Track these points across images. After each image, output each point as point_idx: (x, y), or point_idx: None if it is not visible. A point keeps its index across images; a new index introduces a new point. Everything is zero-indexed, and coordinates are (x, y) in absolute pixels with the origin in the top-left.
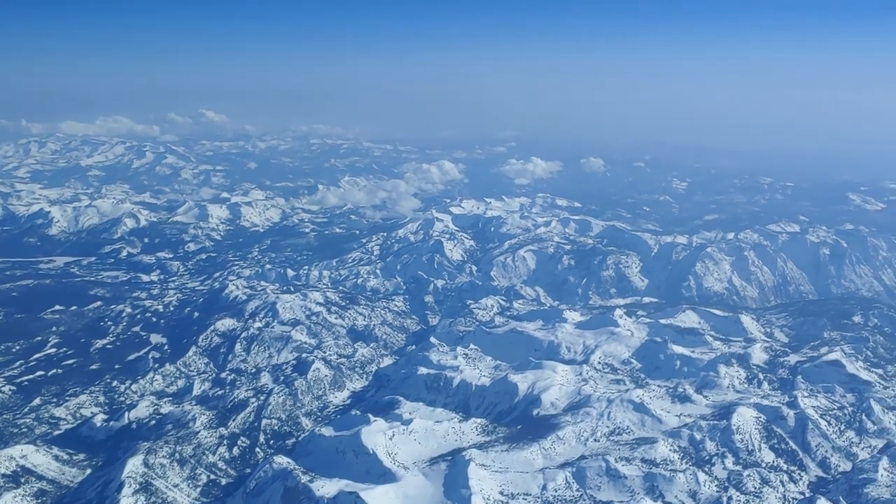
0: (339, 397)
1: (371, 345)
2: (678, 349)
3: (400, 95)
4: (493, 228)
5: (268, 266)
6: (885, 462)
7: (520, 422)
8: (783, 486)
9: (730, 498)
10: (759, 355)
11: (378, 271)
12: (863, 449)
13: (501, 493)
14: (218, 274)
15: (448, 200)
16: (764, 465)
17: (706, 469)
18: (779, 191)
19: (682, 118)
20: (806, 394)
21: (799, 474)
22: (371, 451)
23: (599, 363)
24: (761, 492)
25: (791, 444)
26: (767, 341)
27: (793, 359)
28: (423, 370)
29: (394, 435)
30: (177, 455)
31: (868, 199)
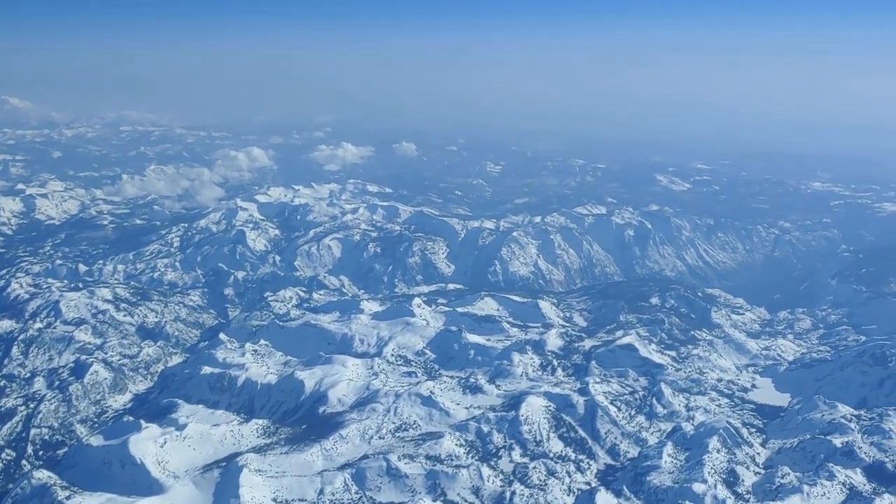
0: (119, 401)
1: (159, 343)
2: (473, 338)
3: (217, 80)
4: (299, 217)
5: (59, 262)
6: (669, 448)
7: (305, 421)
8: (569, 476)
9: (513, 492)
10: (554, 341)
11: (177, 264)
12: (652, 434)
13: (275, 499)
14: (5, 271)
15: (257, 188)
16: (552, 455)
17: (492, 463)
18: (590, 173)
19: (502, 102)
20: (598, 380)
21: (587, 463)
22: (139, 462)
23: (392, 355)
24: (546, 484)
25: (580, 432)
26: (565, 326)
27: (588, 344)
28: (207, 369)
29: (166, 442)
30: None
31: (675, 179)
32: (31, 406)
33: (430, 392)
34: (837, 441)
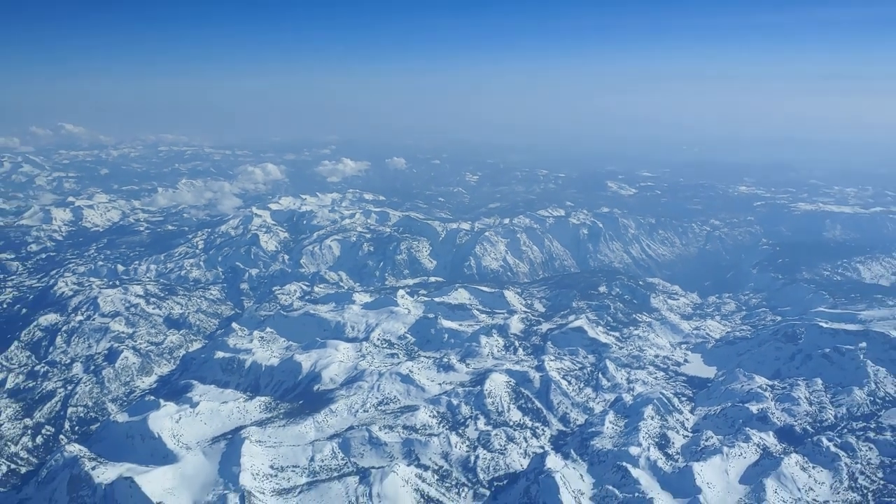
0: (146, 382)
1: (182, 331)
2: (447, 324)
3: (241, 106)
4: (305, 221)
5: (100, 263)
6: (611, 416)
7: (301, 397)
8: (526, 441)
9: (477, 456)
10: (516, 325)
11: (201, 263)
12: (598, 403)
13: (272, 466)
14: (55, 272)
15: (270, 198)
16: (511, 423)
17: (460, 431)
18: (552, 181)
19: (481, 120)
20: (553, 357)
21: (542, 430)
22: (157, 435)
23: (378, 339)
24: (506, 448)
25: (536, 402)
26: (527, 312)
27: (545, 327)
28: (219, 354)
29: (181, 417)
30: None
31: (623, 185)
32: (69, 388)
33: (409, 371)
34: (754, 408)
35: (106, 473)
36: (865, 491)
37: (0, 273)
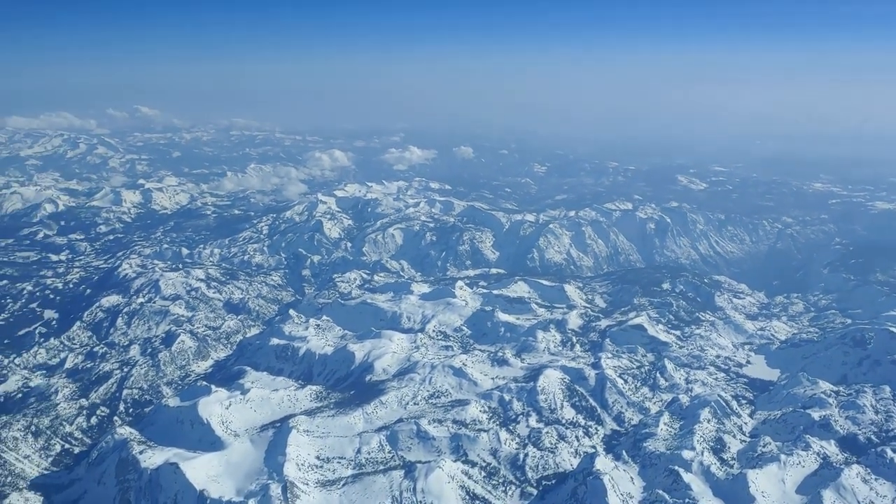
0: (202, 366)
1: (241, 316)
2: (504, 317)
3: (312, 92)
4: (370, 209)
5: (165, 246)
6: (666, 417)
7: (353, 388)
8: (578, 440)
9: (526, 454)
10: (575, 321)
11: (265, 248)
12: (654, 404)
13: (318, 457)
14: (121, 253)
15: (337, 184)
16: (564, 421)
17: (510, 427)
18: (621, 174)
19: (550, 111)
20: (610, 355)
21: (595, 429)
22: (205, 421)
23: (434, 331)
24: (556, 447)
25: (591, 401)
26: (586, 307)
27: (604, 323)
28: (274, 341)
29: (231, 404)
30: (32, 427)
31: (694, 180)
32: (126, 370)
33: (462, 364)
34: (816, 414)
35: (153, 458)
36: None
37: (69, 253)
